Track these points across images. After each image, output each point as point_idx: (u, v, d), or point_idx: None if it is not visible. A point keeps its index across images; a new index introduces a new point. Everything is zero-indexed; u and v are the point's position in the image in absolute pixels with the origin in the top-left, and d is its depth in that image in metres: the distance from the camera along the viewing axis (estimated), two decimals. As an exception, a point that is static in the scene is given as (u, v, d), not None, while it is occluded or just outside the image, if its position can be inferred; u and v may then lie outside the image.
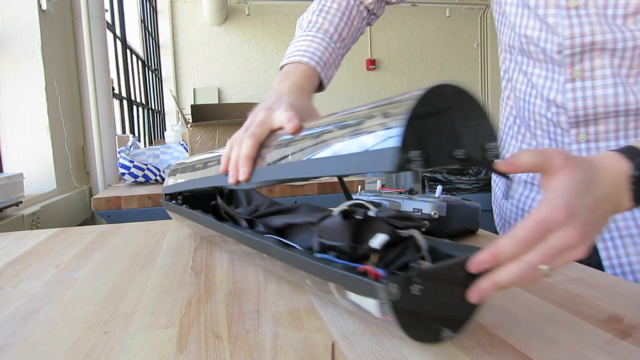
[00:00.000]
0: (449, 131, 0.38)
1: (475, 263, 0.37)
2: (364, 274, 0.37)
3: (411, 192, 0.76)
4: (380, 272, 0.38)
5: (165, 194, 0.81)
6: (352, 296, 0.39)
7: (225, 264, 0.65)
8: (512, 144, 0.81)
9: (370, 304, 0.37)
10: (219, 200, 0.67)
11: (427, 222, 0.51)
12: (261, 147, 0.53)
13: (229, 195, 0.80)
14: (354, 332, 0.42)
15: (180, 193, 0.78)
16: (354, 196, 0.66)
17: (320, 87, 0.73)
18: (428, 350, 0.38)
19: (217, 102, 7.28)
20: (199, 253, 0.71)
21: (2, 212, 1.35)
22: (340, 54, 0.77)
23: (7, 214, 1.38)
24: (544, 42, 0.67)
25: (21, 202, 1.44)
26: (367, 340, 0.40)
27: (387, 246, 0.45)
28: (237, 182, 0.53)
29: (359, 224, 0.47)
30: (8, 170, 1.84)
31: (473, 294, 0.37)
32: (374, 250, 0.45)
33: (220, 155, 0.58)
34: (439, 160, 0.37)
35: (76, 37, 2.28)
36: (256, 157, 0.53)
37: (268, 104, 0.58)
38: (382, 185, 0.83)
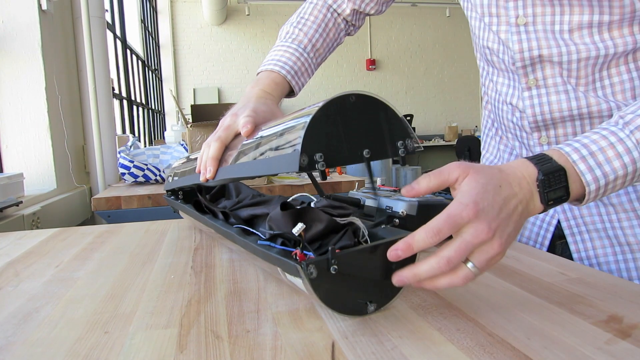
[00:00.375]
0: (356, 133, 0.44)
1: (392, 251, 0.42)
2: (295, 257, 0.43)
3: None
4: (310, 254, 0.44)
5: (167, 190, 0.93)
6: (289, 276, 0.45)
7: (225, 264, 0.65)
8: (491, 144, 0.88)
9: (299, 283, 0.43)
10: (200, 197, 0.77)
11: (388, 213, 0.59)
12: (227, 148, 0.62)
13: (222, 188, 0.86)
14: (354, 332, 0.42)
15: (180, 188, 0.87)
16: (351, 193, 0.71)
17: (292, 93, 0.80)
18: (428, 350, 0.38)
19: (217, 102, 7.28)
20: (199, 253, 0.71)
21: (2, 212, 1.35)
22: (314, 63, 0.83)
23: (7, 214, 1.38)
24: (502, 54, 0.72)
25: (21, 202, 1.44)
26: (367, 340, 0.40)
27: (329, 232, 0.51)
28: (207, 180, 0.61)
29: (299, 214, 0.52)
30: (8, 170, 1.84)
31: (395, 279, 0.43)
32: (319, 237, 0.51)
33: None
34: (344, 159, 0.43)
35: (76, 37, 2.28)
36: (221, 158, 0.60)
37: (235, 110, 0.66)
38: (382, 184, 0.84)
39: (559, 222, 0.76)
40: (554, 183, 0.46)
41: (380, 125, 0.45)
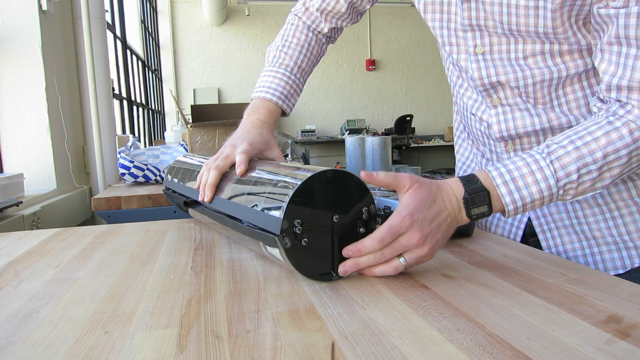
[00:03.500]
0: (330, 202, 0.54)
1: (345, 251, 0.55)
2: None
3: None
4: None
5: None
6: (269, 249, 0.56)
7: (225, 264, 0.65)
8: (463, 145, 0.94)
9: (277, 252, 0.54)
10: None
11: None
12: (224, 176, 0.70)
13: None
14: (354, 332, 0.42)
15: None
16: None
17: (284, 113, 0.88)
18: (427, 350, 0.38)
19: (217, 102, 7.28)
20: (199, 253, 0.71)
21: (2, 212, 1.35)
22: (302, 82, 0.91)
23: (7, 214, 1.38)
24: (471, 73, 0.76)
25: (21, 202, 1.44)
26: (367, 340, 0.40)
27: None
28: (204, 201, 0.70)
29: None
30: (8, 170, 1.84)
31: (341, 270, 0.55)
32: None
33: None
34: (317, 225, 0.53)
35: (76, 37, 2.28)
36: (218, 185, 0.69)
37: (234, 140, 0.76)
38: None
39: (529, 220, 0.80)
40: (478, 201, 0.57)
41: (350, 195, 0.56)
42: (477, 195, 0.57)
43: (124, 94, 3.96)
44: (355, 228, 0.56)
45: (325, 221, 0.54)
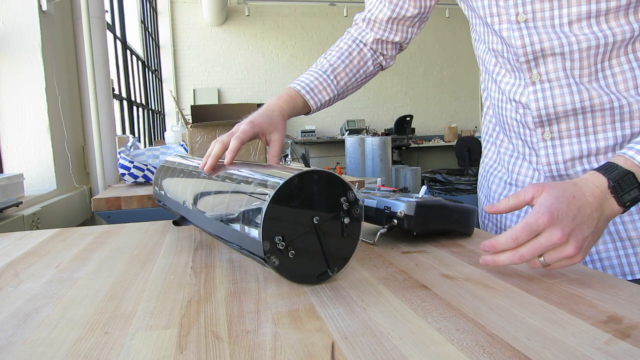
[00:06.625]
0: (306, 205, 0.52)
1: (482, 246, 0.54)
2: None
3: (404, 190, 0.83)
4: None
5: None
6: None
7: (225, 264, 0.65)
8: (492, 149, 0.90)
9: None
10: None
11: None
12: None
13: None
14: (354, 332, 0.42)
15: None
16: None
17: (310, 109, 0.90)
18: (427, 350, 0.38)
19: (217, 102, 7.28)
20: (199, 253, 0.71)
21: (2, 212, 1.35)
22: (334, 83, 0.91)
23: (7, 215, 1.38)
24: (506, 53, 0.74)
25: (21, 202, 1.44)
26: (366, 341, 0.40)
27: None
28: (203, 169, 0.70)
29: None
30: (8, 170, 1.84)
31: (481, 260, 0.55)
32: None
33: (191, 180, 0.76)
34: (299, 232, 0.52)
35: (76, 37, 2.28)
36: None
37: (245, 118, 0.80)
38: (382, 184, 0.86)
39: None
40: (626, 186, 0.53)
41: (324, 191, 0.53)
42: (623, 179, 0.53)
43: (124, 94, 3.96)
44: (339, 220, 0.54)
45: (307, 225, 0.52)
